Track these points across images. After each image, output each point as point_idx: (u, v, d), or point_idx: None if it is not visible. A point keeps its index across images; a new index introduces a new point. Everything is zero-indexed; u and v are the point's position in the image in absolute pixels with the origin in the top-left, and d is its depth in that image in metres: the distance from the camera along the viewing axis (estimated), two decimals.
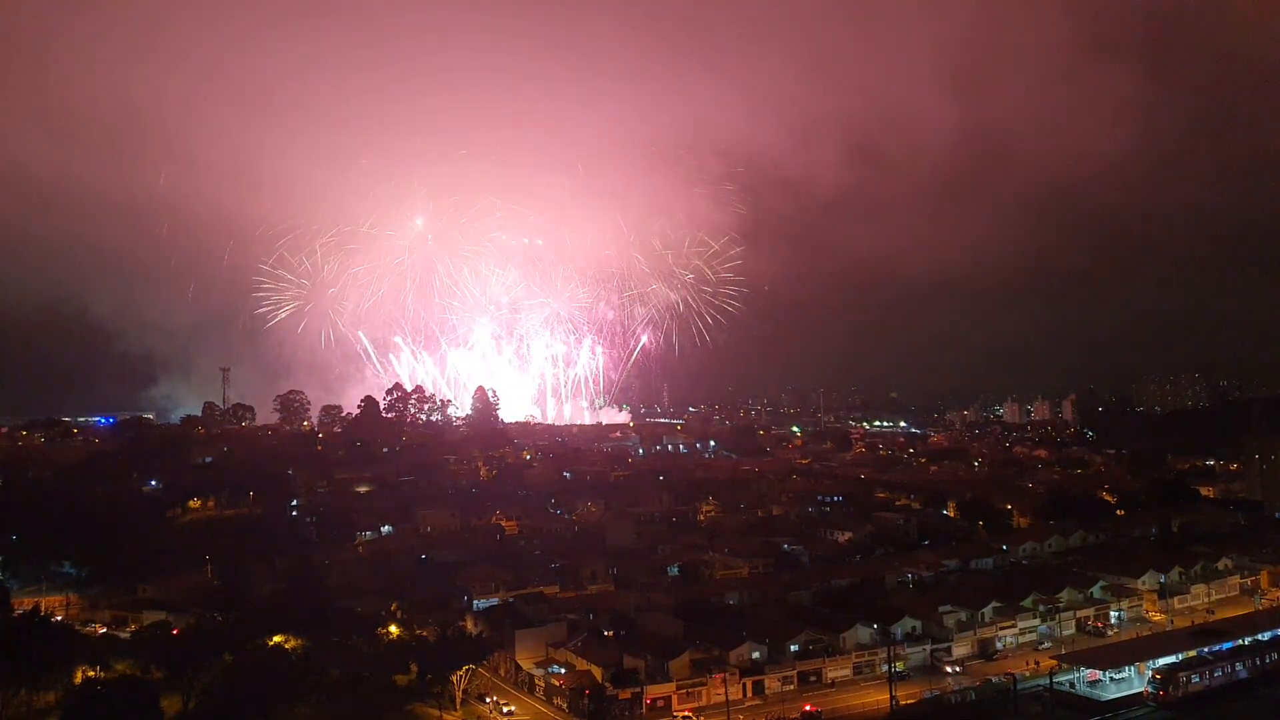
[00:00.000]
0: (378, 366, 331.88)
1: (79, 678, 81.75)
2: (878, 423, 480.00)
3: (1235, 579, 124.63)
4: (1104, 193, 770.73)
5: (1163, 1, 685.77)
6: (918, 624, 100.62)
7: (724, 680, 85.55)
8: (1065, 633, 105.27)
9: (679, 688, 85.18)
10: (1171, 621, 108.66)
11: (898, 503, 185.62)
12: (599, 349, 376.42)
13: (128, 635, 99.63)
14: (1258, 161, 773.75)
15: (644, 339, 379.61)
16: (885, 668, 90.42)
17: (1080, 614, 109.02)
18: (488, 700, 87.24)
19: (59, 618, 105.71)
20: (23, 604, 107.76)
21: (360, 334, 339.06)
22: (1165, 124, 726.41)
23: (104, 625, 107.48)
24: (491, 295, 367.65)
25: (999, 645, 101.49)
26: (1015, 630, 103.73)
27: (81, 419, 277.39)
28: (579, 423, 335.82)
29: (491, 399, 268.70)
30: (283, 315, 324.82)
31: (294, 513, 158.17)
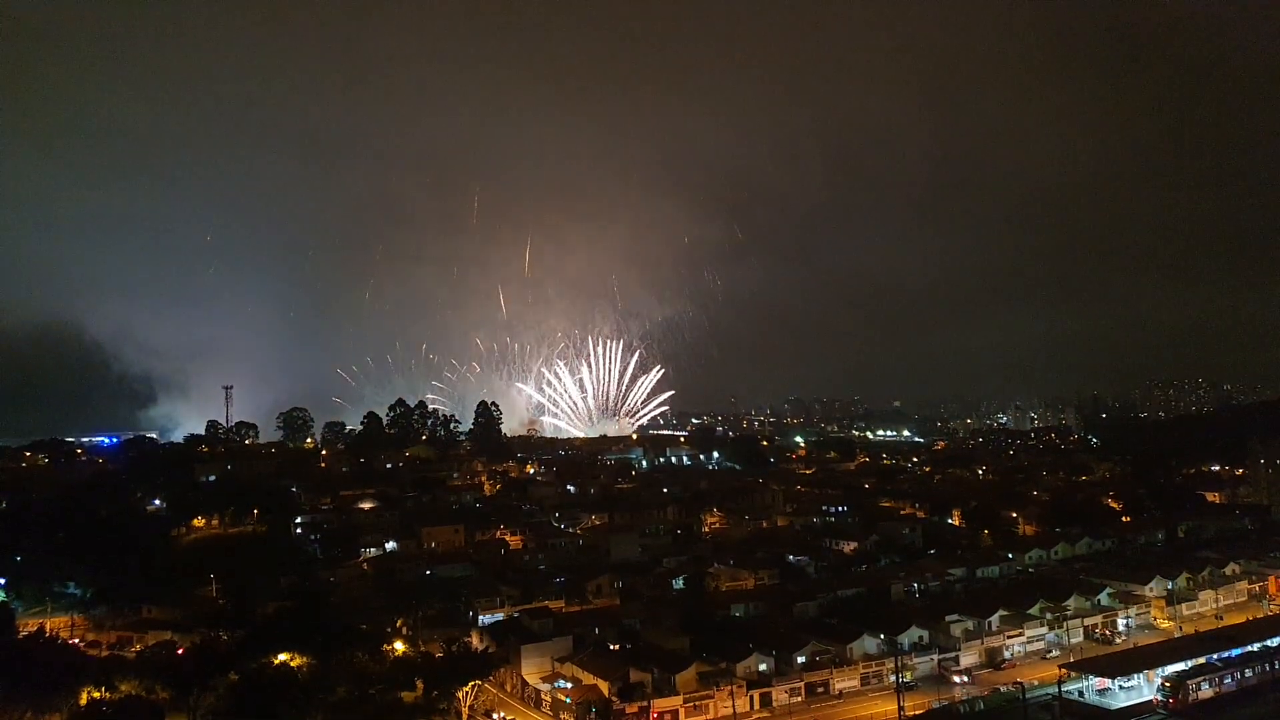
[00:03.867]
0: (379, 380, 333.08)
1: (84, 699, 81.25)
2: (881, 432, 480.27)
3: (1243, 584, 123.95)
4: (1087, 200, 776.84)
5: (1126, 18, 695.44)
6: (925, 633, 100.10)
7: (731, 693, 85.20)
8: (1073, 640, 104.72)
9: (686, 701, 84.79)
10: (1180, 628, 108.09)
11: (903, 512, 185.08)
12: (598, 363, 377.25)
13: (133, 655, 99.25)
14: (1235, 167, 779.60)
15: (640, 351, 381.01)
16: (893, 678, 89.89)
17: (1088, 621, 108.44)
18: (494, 716, 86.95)
19: (64, 639, 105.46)
20: (27, 625, 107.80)
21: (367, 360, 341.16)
22: (1139, 132, 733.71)
23: (109, 646, 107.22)
24: (488, 312, 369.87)
25: (1007, 654, 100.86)
26: (1023, 639, 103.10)
27: (85, 439, 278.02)
28: (581, 435, 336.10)
29: (494, 413, 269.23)
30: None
31: (298, 530, 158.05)
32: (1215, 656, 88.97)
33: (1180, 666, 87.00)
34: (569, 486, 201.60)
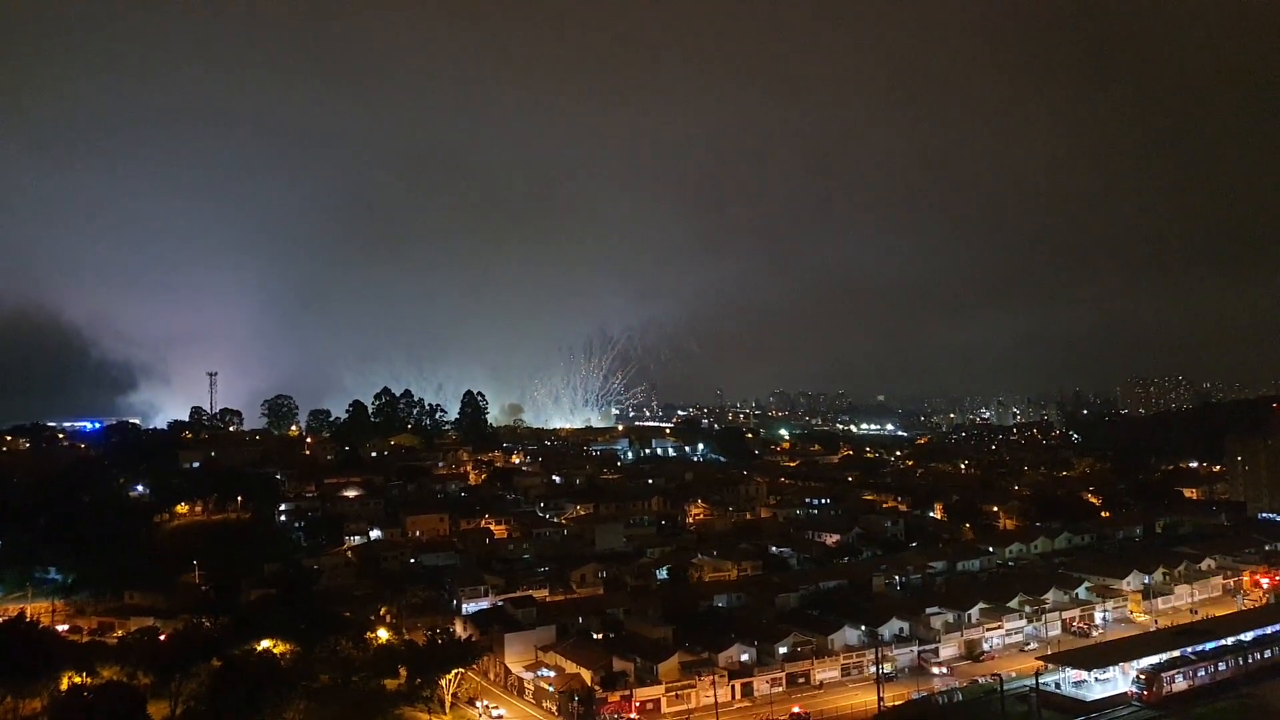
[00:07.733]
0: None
1: (65, 684, 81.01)
2: (865, 426, 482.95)
3: (1218, 579, 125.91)
4: (1068, 199, 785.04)
5: (1097, 27, 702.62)
6: (905, 625, 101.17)
7: (713, 682, 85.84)
8: (1051, 633, 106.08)
9: (668, 690, 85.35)
10: (1155, 622, 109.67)
11: (885, 505, 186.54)
12: (588, 357, 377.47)
13: (114, 641, 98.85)
14: (1214, 168, 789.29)
15: (622, 345, 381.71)
16: (873, 669, 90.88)
17: (1066, 615, 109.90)
18: (477, 704, 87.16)
19: (45, 624, 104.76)
20: (7, 610, 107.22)
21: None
22: (1119, 133, 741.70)
23: (90, 631, 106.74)
24: (470, 307, 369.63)
25: (986, 646, 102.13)
26: (1002, 631, 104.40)
27: (67, 424, 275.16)
28: (568, 426, 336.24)
29: (480, 403, 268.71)
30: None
31: (282, 517, 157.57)
32: (1189, 650, 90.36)
33: (1155, 659, 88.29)
34: (554, 476, 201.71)
